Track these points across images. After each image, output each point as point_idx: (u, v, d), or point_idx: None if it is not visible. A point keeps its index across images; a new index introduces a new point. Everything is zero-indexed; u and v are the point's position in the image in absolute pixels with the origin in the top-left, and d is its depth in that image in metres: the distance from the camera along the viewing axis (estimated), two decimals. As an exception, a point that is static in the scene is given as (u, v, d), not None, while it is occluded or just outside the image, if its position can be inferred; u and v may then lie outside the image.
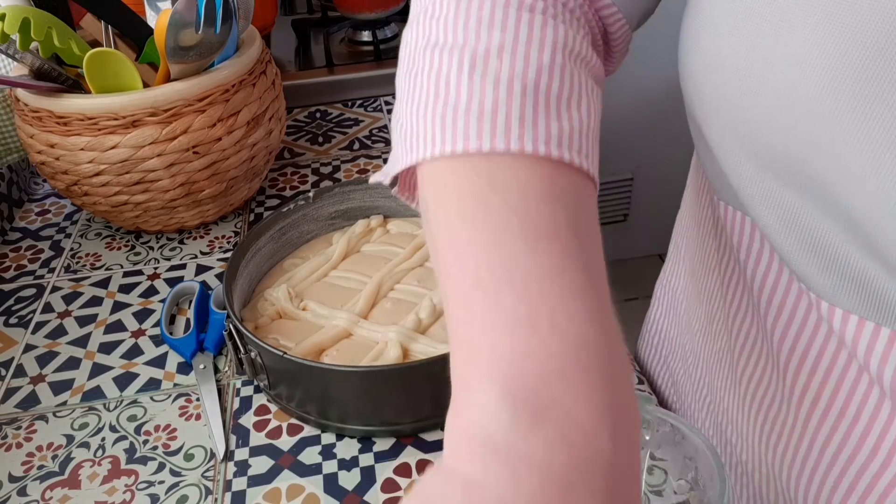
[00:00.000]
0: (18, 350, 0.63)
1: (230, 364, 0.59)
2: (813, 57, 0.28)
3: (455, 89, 0.31)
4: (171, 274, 0.71)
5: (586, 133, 0.32)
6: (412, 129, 0.32)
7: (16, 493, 0.50)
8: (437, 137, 0.31)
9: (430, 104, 0.32)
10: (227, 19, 0.66)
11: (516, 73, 0.31)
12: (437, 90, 0.32)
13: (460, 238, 0.29)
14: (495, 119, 0.30)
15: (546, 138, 0.30)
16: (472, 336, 0.28)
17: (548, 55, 0.32)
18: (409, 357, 0.55)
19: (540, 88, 0.31)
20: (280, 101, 0.77)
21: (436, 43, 0.33)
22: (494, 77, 0.31)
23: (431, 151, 0.31)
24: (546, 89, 0.31)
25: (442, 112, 0.31)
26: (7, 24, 0.63)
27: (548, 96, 0.31)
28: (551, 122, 0.30)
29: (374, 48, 1.06)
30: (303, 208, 0.67)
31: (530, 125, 0.30)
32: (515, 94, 0.30)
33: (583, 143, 0.31)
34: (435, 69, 0.32)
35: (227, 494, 0.49)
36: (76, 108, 0.65)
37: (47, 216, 0.82)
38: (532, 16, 0.33)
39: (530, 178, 0.29)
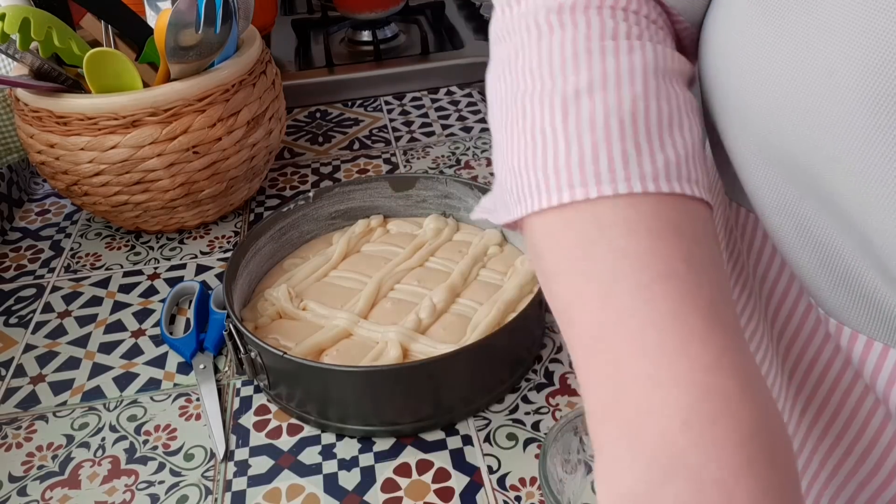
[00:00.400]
0: (18, 350, 0.63)
1: (230, 364, 0.59)
2: (846, 69, 0.27)
3: (552, 138, 0.30)
4: (171, 274, 0.71)
5: (692, 156, 0.31)
6: (516, 182, 0.32)
7: (16, 493, 0.50)
8: (541, 190, 0.30)
9: (530, 156, 0.31)
10: (227, 19, 0.66)
11: (610, 109, 0.30)
12: (534, 141, 0.31)
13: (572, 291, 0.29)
14: (597, 164, 0.29)
15: (653, 174, 0.29)
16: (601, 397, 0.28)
17: (640, 83, 0.31)
18: (409, 357, 0.55)
19: (638, 121, 0.30)
20: (280, 101, 0.77)
21: (524, 90, 0.32)
22: (589, 119, 0.30)
23: (539, 204, 0.30)
24: (645, 120, 0.30)
25: (543, 163, 0.30)
26: (7, 24, 0.63)
27: (647, 127, 0.30)
28: (656, 155, 0.29)
29: (374, 48, 1.06)
30: (303, 208, 0.67)
31: (634, 164, 0.29)
32: (614, 133, 0.29)
33: (690, 168, 0.30)
34: (529, 118, 0.32)
35: (227, 494, 0.49)
36: (76, 108, 0.65)
37: (47, 216, 0.82)
38: (616, 44, 0.32)
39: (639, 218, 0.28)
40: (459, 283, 0.61)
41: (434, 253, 0.65)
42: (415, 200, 0.70)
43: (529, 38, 0.33)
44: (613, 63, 0.31)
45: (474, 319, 0.57)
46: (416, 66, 1.03)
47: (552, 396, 0.54)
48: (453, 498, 0.47)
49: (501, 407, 0.54)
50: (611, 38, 0.32)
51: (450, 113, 0.96)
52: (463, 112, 0.96)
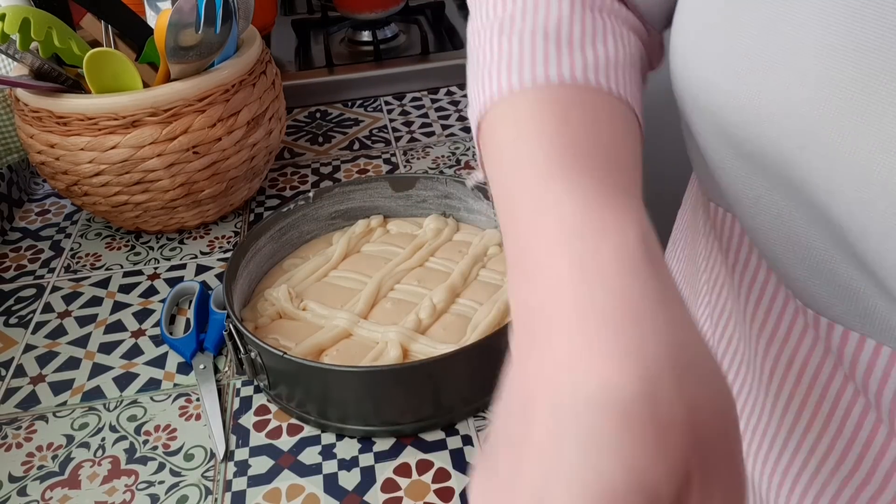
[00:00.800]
0: (18, 350, 0.63)
1: (230, 364, 0.59)
2: (809, 58, 0.28)
3: (489, 54, 0.35)
4: (171, 274, 0.71)
5: (616, 66, 0.34)
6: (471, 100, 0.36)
7: (16, 493, 0.50)
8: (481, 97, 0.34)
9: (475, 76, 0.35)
10: (227, 19, 0.66)
11: (538, 26, 0.34)
12: (478, 62, 0.36)
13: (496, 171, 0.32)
14: (521, 63, 0.33)
15: (570, 67, 0.32)
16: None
17: (567, 6, 0.35)
18: (409, 357, 0.55)
19: (561, 32, 0.34)
20: (280, 101, 0.77)
21: (479, 25, 0.37)
22: (519, 34, 0.34)
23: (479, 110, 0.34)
24: (568, 33, 0.34)
25: (481, 76, 0.34)
26: (7, 24, 0.63)
27: (570, 38, 0.34)
28: (574, 56, 0.33)
29: (374, 48, 1.06)
30: (303, 208, 0.67)
31: (554, 61, 0.33)
32: (538, 42, 0.34)
33: (611, 73, 0.34)
34: (478, 45, 0.36)
35: (227, 494, 0.49)
36: (76, 108, 0.65)
37: (47, 216, 0.82)
38: None
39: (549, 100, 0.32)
40: (459, 283, 0.61)
41: (434, 253, 0.65)
42: (415, 200, 0.70)
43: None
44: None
45: (474, 319, 0.57)
46: (416, 66, 1.03)
47: (552, 396, 0.54)
48: (453, 498, 0.47)
49: (501, 407, 0.54)
50: None
51: (450, 113, 0.96)
52: (463, 112, 0.96)
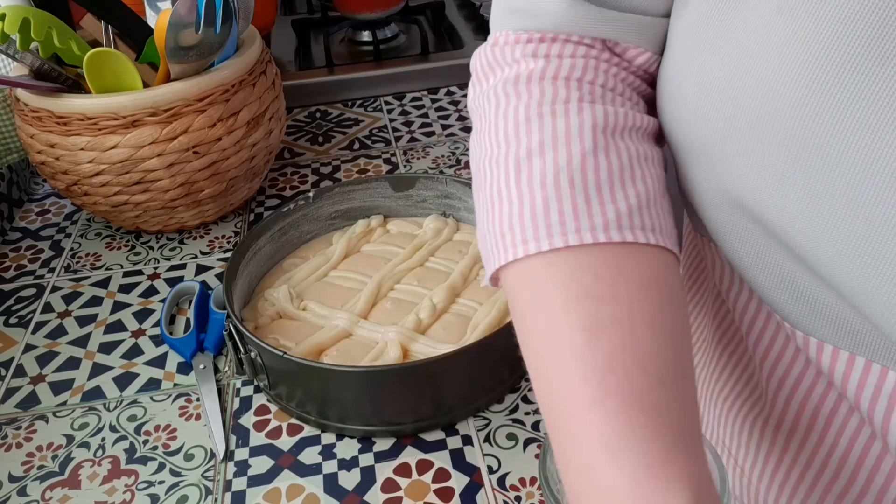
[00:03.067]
0: (18, 350, 0.63)
1: (230, 364, 0.59)
2: (785, 88, 0.28)
3: (507, 198, 0.32)
4: (171, 274, 0.71)
5: (646, 204, 0.31)
6: (483, 243, 0.34)
7: (16, 493, 0.50)
8: (499, 248, 0.31)
9: (490, 217, 0.33)
10: (227, 19, 0.66)
11: (560, 167, 0.31)
12: (492, 202, 0.33)
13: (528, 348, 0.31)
14: (548, 218, 0.30)
15: (604, 225, 0.30)
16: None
17: (589, 140, 0.32)
18: (409, 357, 0.55)
19: (587, 175, 0.31)
20: (280, 101, 0.77)
21: (486, 156, 0.34)
22: (540, 176, 0.31)
23: (499, 262, 0.32)
24: (594, 174, 0.31)
25: (499, 223, 0.32)
26: (7, 24, 0.63)
27: (598, 181, 0.31)
28: (606, 206, 0.30)
29: (374, 48, 1.06)
30: (303, 208, 0.67)
31: (584, 216, 0.30)
32: (563, 188, 0.30)
33: (644, 216, 0.31)
34: (488, 182, 0.33)
35: (227, 494, 0.49)
36: (76, 108, 0.65)
37: (47, 216, 0.82)
38: (567, 107, 0.33)
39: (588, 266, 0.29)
40: (459, 283, 0.61)
41: (434, 253, 0.65)
42: (415, 200, 0.70)
43: (490, 108, 0.35)
44: (563, 123, 0.32)
45: (474, 319, 0.57)
46: (416, 66, 1.03)
47: (552, 396, 0.54)
48: (453, 498, 0.47)
49: (501, 407, 0.54)
50: (562, 102, 0.33)
51: (450, 113, 0.96)
52: (463, 112, 0.96)
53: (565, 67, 0.35)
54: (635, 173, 0.32)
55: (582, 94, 0.34)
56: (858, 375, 0.33)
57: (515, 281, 0.32)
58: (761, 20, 0.28)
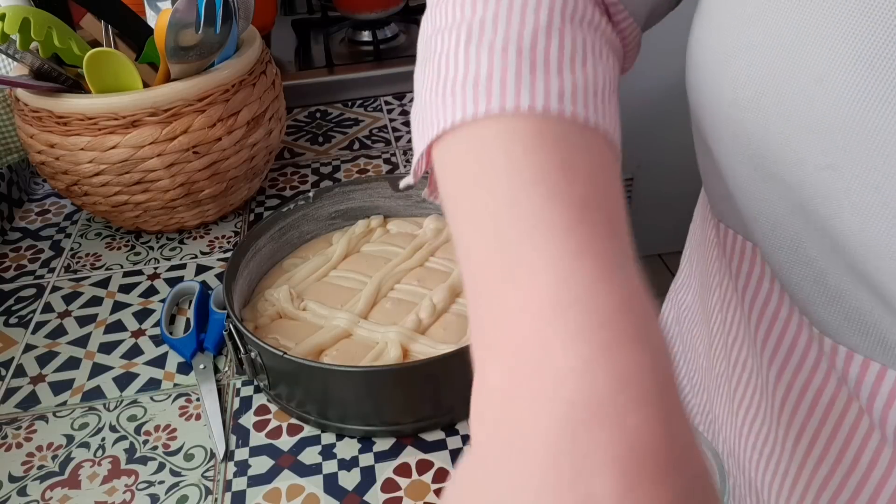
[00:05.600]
0: (18, 350, 0.63)
1: (230, 364, 0.59)
2: (836, 73, 0.26)
3: (454, 65, 0.30)
4: (171, 274, 0.71)
5: (594, 91, 0.30)
6: (422, 116, 0.31)
7: (16, 493, 0.50)
8: (439, 116, 0.30)
9: (434, 86, 0.31)
10: (227, 19, 0.66)
11: (510, 37, 0.30)
12: (439, 70, 0.31)
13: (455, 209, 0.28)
14: (490, 83, 0.29)
15: (545, 93, 0.28)
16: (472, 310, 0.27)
17: (544, 16, 0.31)
18: (409, 357, 0.55)
19: (537, 49, 0.29)
20: (280, 101, 0.77)
21: (439, 27, 0.33)
22: (489, 45, 0.30)
23: (436, 131, 0.30)
24: (544, 50, 0.30)
25: (443, 90, 0.30)
26: (7, 24, 0.63)
27: (547, 57, 0.29)
28: (551, 79, 0.29)
29: (374, 48, 1.06)
30: (303, 208, 0.67)
31: (527, 83, 0.28)
32: (510, 58, 0.29)
33: (589, 99, 0.29)
34: (437, 51, 0.32)
35: (227, 494, 0.49)
36: (76, 108, 0.65)
37: (47, 216, 0.82)
38: None
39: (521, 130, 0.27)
40: (459, 283, 0.61)
41: (434, 253, 0.65)
42: (415, 200, 0.70)
43: None
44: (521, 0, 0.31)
45: (474, 319, 0.57)
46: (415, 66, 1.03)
47: (552, 396, 0.54)
48: (453, 498, 0.47)
49: (501, 407, 0.54)
50: None
51: (450, 113, 0.96)
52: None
53: None
54: (587, 59, 0.31)
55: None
56: (888, 390, 0.32)
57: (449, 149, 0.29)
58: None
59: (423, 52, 0.34)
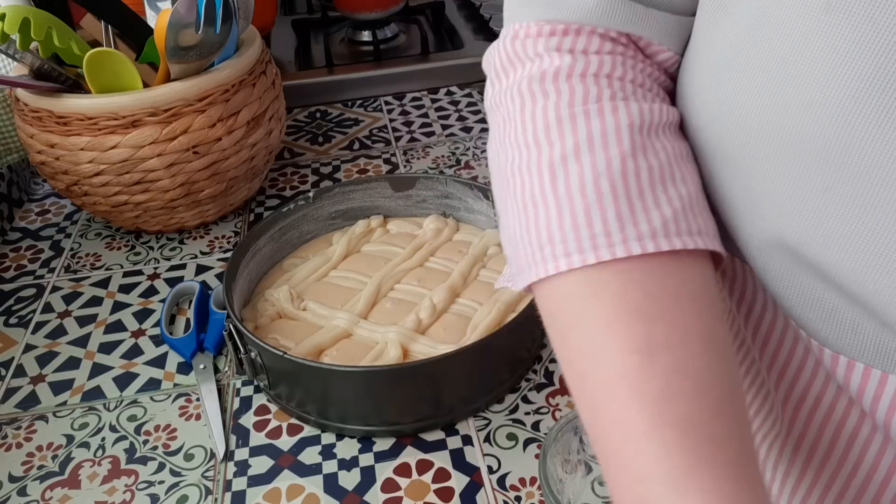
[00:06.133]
0: (18, 350, 0.63)
1: (230, 364, 0.59)
2: (826, 99, 0.26)
3: (543, 206, 0.30)
4: (171, 274, 0.71)
5: (690, 206, 0.30)
6: (515, 253, 0.32)
7: (16, 493, 0.50)
8: (537, 260, 0.30)
9: (524, 226, 0.31)
10: (227, 19, 0.66)
11: (600, 171, 0.29)
12: (526, 211, 0.31)
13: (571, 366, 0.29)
14: (592, 228, 0.29)
15: (651, 233, 0.29)
16: None
17: (627, 141, 0.30)
18: (409, 357, 0.55)
19: (629, 180, 0.29)
20: (280, 101, 0.77)
21: (513, 160, 0.32)
22: (579, 182, 0.29)
23: (537, 274, 0.30)
24: (636, 178, 0.30)
25: (536, 233, 0.30)
26: (7, 24, 0.63)
27: (639, 186, 0.29)
28: (651, 213, 0.29)
29: (374, 48, 1.06)
30: (303, 208, 0.67)
31: (630, 224, 0.28)
32: (605, 195, 0.29)
33: (690, 219, 0.30)
34: (519, 188, 0.32)
35: (227, 494, 0.49)
36: (76, 108, 0.65)
37: (47, 216, 0.82)
38: (600, 105, 0.31)
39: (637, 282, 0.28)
40: (459, 283, 0.61)
41: (434, 253, 0.65)
42: (415, 200, 0.70)
43: (514, 108, 0.34)
44: (598, 124, 0.31)
45: (474, 319, 0.57)
46: (416, 66, 1.03)
47: (552, 396, 0.54)
48: (453, 498, 0.47)
49: (501, 407, 0.54)
50: (594, 101, 0.32)
51: (450, 113, 0.96)
52: (463, 112, 0.96)
53: (594, 64, 0.33)
54: (675, 174, 0.31)
55: (614, 91, 0.32)
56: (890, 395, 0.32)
57: (556, 296, 0.30)
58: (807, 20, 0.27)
59: (503, 183, 0.34)
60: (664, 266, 0.28)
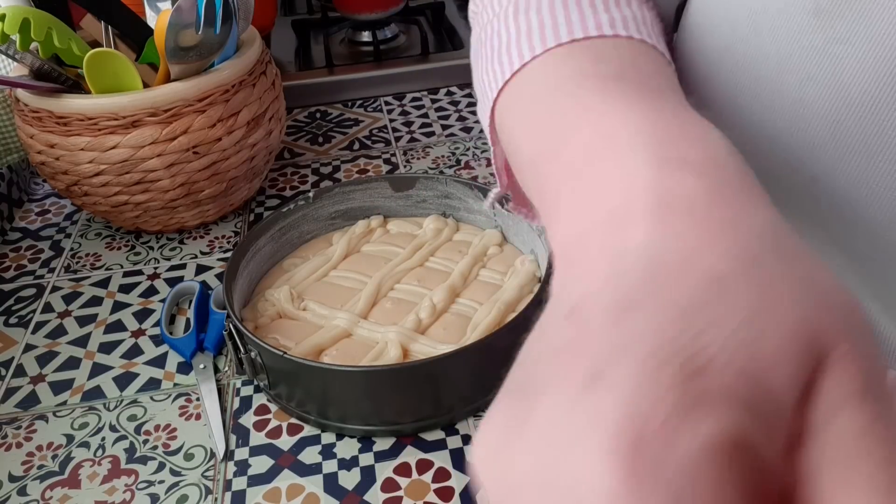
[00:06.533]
0: (18, 350, 0.63)
1: (230, 364, 0.59)
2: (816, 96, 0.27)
3: (506, 34, 0.31)
4: (171, 274, 0.71)
5: (642, 21, 0.31)
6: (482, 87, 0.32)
7: (16, 492, 0.50)
8: (497, 78, 0.30)
9: (490, 60, 0.32)
10: (227, 20, 0.66)
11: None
12: (492, 47, 0.32)
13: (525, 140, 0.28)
14: (543, 30, 0.29)
15: (596, 24, 0.29)
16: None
17: None
18: (409, 357, 0.55)
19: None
20: (280, 102, 0.77)
21: (488, 19, 0.34)
22: (536, 7, 0.31)
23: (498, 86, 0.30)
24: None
25: (498, 57, 0.31)
26: (7, 25, 0.63)
27: (593, 2, 0.30)
28: (600, 15, 0.30)
29: (374, 48, 1.06)
30: (303, 208, 0.67)
31: (577, 20, 0.29)
32: (558, 10, 0.30)
33: (640, 27, 0.30)
34: (489, 35, 0.33)
35: (227, 494, 0.49)
36: (76, 108, 0.65)
37: (47, 216, 0.82)
38: None
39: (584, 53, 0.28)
40: (459, 283, 0.61)
41: (434, 253, 0.65)
42: (415, 200, 0.70)
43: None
44: None
45: (474, 319, 0.57)
46: (416, 66, 1.03)
47: (552, 396, 0.54)
48: (453, 498, 0.47)
49: (501, 407, 0.54)
50: None
51: (450, 113, 0.96)
52: (463, 112, 0.96)
53: None
54: (631, 3, 0.32)
55: None
56: None
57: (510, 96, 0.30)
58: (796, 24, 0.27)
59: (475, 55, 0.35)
60: (612, 43, 0.29)
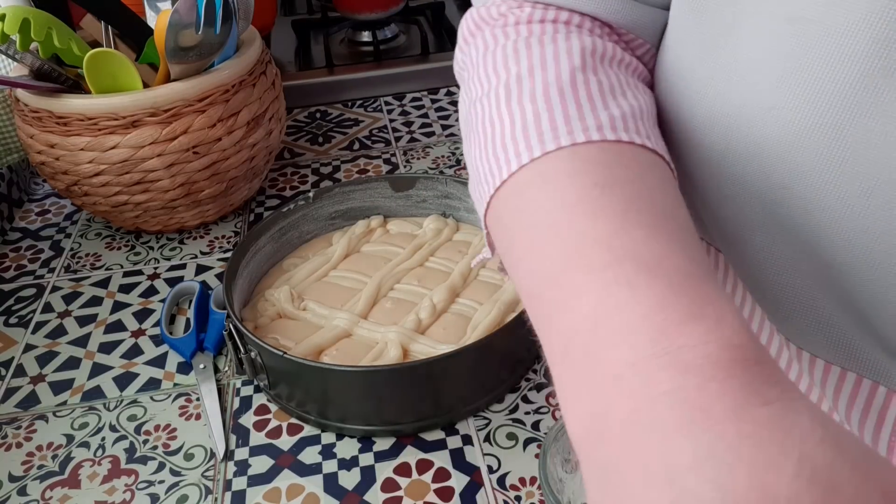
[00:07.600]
0: (18, 350, 0.63)
1: (230, 364, 0.59)
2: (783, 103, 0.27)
3: (499, 122, 0.30)
4: (171, 274, 0.71)
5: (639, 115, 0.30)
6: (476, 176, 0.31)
7: (16, 492, 0.50)
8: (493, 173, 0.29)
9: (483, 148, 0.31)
10: (226, 20, 0.66)
11: (550, 83, 0.30)
12: (485, 132, 0.31)
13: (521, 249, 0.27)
14: (539, 127, 0.29)
15: (597, 126, 0.28)
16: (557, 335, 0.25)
17: (577, 59, 0.31)
18: (409, 357, 0.55)
19: (578, 88, 0.30)
20: (280, 102, 0.77)
21: (477, 96, 0.33)
22: (529, 94, 0.30)
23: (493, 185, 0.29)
24: (585, 88, 0.30)
25: (493, 149, 0.30)
26: (7, 25, 0.63)
27: (588, 93, 0.30)
28: (598, 112, 0.29)
29: (374, 48, 1.06)
30: (303, 208, 0.67)
31: (576, 120, 0.29)
32: (554, 101, 0.29)
33: (638, 123, 0.30)
34: (480, 117, 0.32)
35: (227, 494, 0.49)
36: (76, 108, 0.65)
37: (47, 216, 0.82)
38: (556, 36, 0.32)
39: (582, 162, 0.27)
40: (459, 283, 0.61)
41: (434, 253, 0.65)
42: (415, 200, 0.70)
43: (478, 54, 0.34)
44: (552, 48, 0.32)
45: (474, 319, 0.57)
46: (416, 66, 1.03)
47: (552, 396, 0.54)
48: (453, 498, 0.47)
49: (501, 407, 0.54)
50: (551, 34, 0.32)
51: (450, 113, 0.96)
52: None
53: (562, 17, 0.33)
54: (626, 91, 0.31)
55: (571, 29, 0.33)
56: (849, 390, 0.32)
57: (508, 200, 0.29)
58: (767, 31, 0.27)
59: (466, 126, 0.34)
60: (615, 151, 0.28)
